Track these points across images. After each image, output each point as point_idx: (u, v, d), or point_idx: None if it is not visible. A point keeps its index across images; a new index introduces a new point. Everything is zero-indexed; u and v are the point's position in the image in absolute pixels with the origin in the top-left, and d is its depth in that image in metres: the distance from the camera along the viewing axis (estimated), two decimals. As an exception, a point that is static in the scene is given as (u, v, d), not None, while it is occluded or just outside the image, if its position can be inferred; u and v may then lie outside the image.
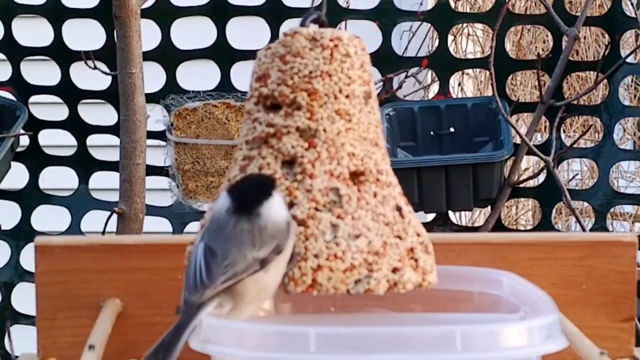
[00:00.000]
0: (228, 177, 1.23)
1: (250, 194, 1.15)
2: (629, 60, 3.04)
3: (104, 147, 3.22)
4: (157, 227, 3.11)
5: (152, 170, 3.00)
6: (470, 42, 4.20)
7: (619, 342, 1.40)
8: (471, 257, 1.37)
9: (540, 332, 1.11)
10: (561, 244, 1.42)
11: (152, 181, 2.97)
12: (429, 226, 3.03)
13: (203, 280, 1.11)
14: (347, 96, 1.22)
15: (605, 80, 3.09)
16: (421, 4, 3.39)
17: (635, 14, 3.05)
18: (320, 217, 1.18)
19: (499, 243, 1.43)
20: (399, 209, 1.23)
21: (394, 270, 1.19)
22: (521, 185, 3.17)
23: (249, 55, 3.11)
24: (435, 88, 3.36)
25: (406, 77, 3.17)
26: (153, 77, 3.02)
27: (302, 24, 1.24)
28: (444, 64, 3.14)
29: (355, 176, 1.22)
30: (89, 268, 1.38)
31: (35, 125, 3.15)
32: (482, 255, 1.40)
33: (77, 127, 3.18)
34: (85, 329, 1.33)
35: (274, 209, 1.14)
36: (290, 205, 1.18)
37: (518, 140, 3.04)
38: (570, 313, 1.29)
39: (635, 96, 5.33)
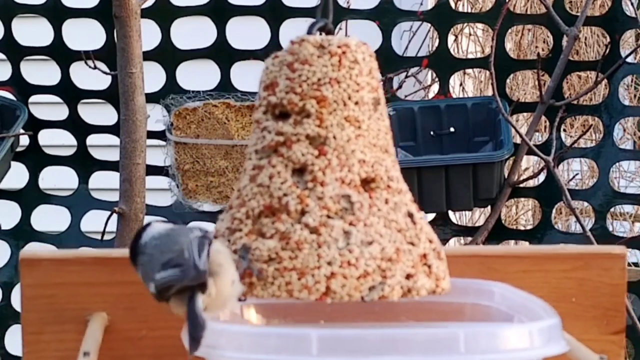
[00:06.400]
0: (238, 188, 1.22)
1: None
2: (629, 60, 3.03)
3: (104, 147, 3.21)
4: (157, 227, 3.10)
5: (152, 170, 3.00)
6: (470, 42, 4.19)
7: (609, 355, 1.37)
8: (460, 269, 1.35)
9: (541, 335, 1.11)
10: (551, 256, 1.41)
11: (152, 181, 2.96)
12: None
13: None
14: (356, 103, 1.21)
15: (605, 80, 3.09)
16: (421, 4, 3.39)
17: (635, 14, 3.04)
18: (332, 225, 1.17)
19: (489, 255, 1.41)
20: (410, 215, 1.22)
21: (408, 276, 1.18)
22: (521, 185, 3.17)
23: (249, 55, 3.11)
24: (435, 88, 3.36)
25: (406, 77, 3.16)
26: (153, 77, 3.02)
27: (309, 32, 1.23)
28: (444, 64, 3.14)
29: (366, 183, 1.21)
30: (76, 281, 1.35)
31: (35, 125, 3.15)
32: (471, 267, 1.37)
33: (77, 127, 3.18)
34: (71, 343, 1.31)
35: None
36: (302, 213, 1.17)
37: (518, 140, 3.04)
38: (560, 326, 1.28)
39: (635, 96, 5.32)
